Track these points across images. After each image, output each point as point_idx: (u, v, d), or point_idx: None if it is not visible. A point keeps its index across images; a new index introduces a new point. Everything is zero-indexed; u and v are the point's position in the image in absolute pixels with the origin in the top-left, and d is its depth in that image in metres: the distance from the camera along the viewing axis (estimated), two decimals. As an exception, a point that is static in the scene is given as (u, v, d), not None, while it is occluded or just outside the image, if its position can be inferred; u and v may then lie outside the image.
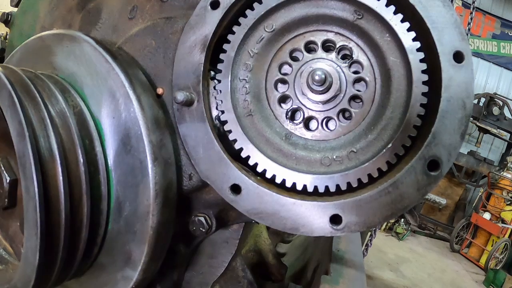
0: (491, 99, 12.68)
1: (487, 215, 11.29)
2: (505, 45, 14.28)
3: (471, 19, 5.02)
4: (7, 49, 1.93)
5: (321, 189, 1.13)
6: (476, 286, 9.71)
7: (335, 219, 1.11)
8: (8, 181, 1.27)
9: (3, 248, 1.45)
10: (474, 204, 12.69)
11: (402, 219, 11.95)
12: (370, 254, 8.85)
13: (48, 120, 1.15)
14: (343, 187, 1.12)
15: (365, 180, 1.11)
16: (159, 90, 1.31)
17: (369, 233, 5.62)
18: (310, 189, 1.14)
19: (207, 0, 1.24)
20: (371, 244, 5.80)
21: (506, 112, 12.64)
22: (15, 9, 1.92)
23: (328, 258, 1.80)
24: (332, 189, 1.13)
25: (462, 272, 10.37)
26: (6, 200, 1.28)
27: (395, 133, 1.12)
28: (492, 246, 10.83)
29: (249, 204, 1.17)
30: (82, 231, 1.21)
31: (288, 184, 1.16)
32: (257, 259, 1.96)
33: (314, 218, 1.12)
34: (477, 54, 14.30)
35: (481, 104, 12.81)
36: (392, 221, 11.69)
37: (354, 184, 1.12)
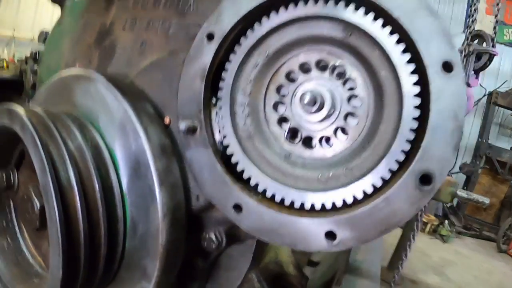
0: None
1: (535, 213, 10.73)
2: (544, 33, 13.49)
3: (498, 10, 4.94)
4: (37, 83, 2.13)
5: (318, 207, 1.17)
6: (527, 288, 9.22)
7: (330, 235, 1.14)
8: (38, 207, 1.42)
9: (38, 264, 1.63)
10: (521, 202, 12.07)
11: (447, 221, 11.50)
12: (414, 258, 8.58)
13: (66, 155, 1.30)
14: (339, 203, 1.15)
15: (359, 196, 1.13)
16: (166, 120, 1.42)
17: (408, 239, 5.48)
18: (307, 206, 1.18)
19: (203, 32, 1.33)
20: (410, 249, 5.66)
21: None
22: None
23: (343, 268, 1.82)
24: (328, 206, 1.16)
25: (510, 274, 9.85)
26: (38, 222, 1.44)
27: (388, 148, 1.12)
28: (542, 245, 10.27)
29: (250, 222, 1.23)
30: (101, 249, 1.35)
31: (287, 202, 1.20)
32: (278, 270, 2.02)
33: (310, 234, 1.16)
34: (512, 44, 13.55)
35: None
36: (436, 223, 11.30)
37: (349, 201, 1.14)
